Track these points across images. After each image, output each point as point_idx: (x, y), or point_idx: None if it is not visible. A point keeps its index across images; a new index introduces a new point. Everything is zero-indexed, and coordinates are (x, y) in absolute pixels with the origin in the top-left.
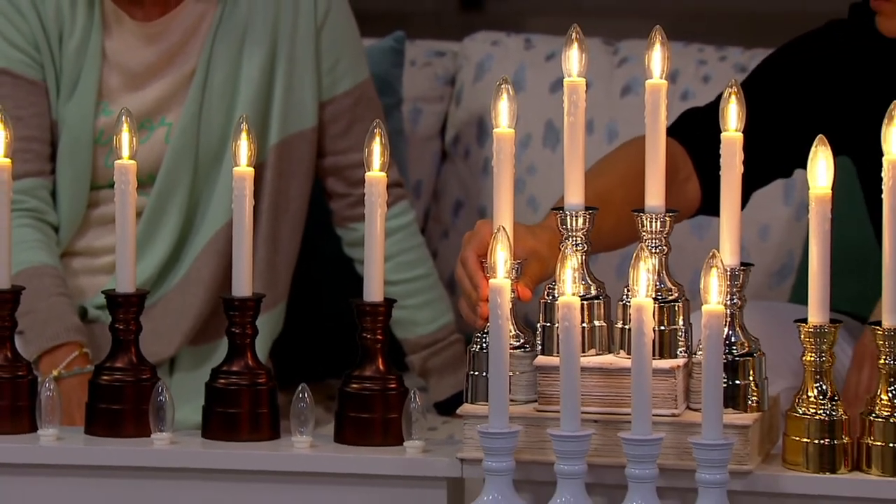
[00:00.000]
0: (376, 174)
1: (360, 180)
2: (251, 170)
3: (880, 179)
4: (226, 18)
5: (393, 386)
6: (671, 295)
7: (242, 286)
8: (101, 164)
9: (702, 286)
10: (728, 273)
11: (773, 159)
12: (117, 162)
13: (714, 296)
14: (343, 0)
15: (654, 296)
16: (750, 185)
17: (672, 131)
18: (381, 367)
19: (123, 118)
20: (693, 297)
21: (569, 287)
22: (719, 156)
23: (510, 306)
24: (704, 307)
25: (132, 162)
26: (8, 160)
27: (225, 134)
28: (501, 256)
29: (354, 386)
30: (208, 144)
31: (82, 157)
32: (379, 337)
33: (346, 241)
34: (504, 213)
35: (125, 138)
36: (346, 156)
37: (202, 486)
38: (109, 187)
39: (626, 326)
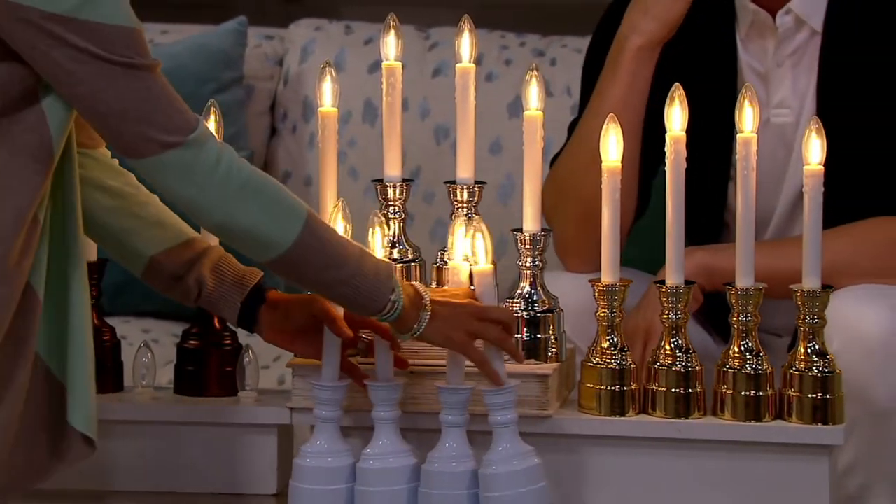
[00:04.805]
0: None
1: None
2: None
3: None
4: None
5: (227, 342)
6: None
7: None
8: None
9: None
10: (530, 238)
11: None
12: None
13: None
14: None
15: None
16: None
17: None
18: (216, 324)
19: None
20: (498, 258)
21: (379, 251)
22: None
23: None
24: (474, 268)
25: None
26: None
27: None
28: (340, 227)
29: (192, 342)
30: None
31: None
32: None
33: None
34: (329, 183)
35: None
36: None
37: None
38: None
39: (443, 286)
